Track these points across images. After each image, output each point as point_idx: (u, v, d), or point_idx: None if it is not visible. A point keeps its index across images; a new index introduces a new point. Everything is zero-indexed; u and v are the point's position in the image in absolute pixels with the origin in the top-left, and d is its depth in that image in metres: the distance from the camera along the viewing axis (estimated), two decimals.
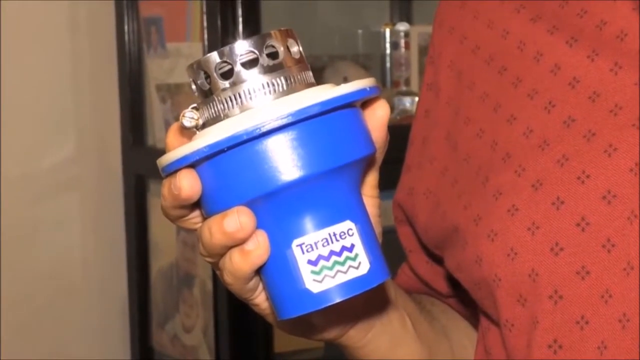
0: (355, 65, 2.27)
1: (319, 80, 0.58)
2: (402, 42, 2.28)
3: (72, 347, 2.08)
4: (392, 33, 2.31)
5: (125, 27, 2.05)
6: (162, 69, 2.01)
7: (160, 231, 2.06)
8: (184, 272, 1.98)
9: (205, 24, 1.78)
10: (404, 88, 2.24)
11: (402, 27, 2.30)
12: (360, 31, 2.43)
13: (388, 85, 2.29)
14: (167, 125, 1.96)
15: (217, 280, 1.81)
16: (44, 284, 2.05)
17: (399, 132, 0.80)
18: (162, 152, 0.59)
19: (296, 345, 1.95)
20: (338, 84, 0.56)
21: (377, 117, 0.59)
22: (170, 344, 2.03)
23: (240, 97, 0.55)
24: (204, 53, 1.79)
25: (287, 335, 0.71)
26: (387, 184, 0.69)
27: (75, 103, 2.07)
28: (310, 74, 0.57)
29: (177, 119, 0.58)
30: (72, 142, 2.07)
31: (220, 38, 1.73)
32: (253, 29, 1.73)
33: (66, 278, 2.08)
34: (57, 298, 2.07)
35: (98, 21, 2.09)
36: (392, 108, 2.06)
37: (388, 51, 2.32)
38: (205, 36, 1.78)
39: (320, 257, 0.55)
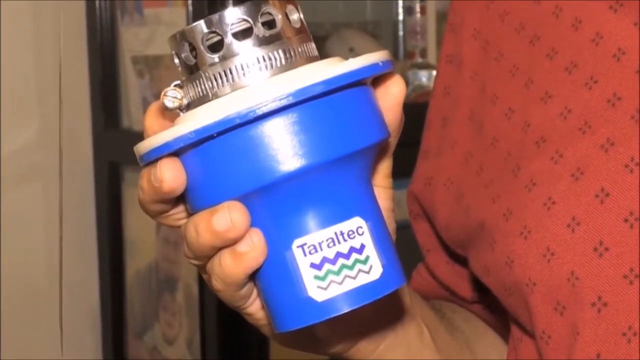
0: (363, 34, 2.27)
1: (321, 52, 0.58)
2: (418, 6, 2.28)
3: None
4: None
5: None
6: (139, 38, 2.01)
7: (137, 227, 2.06)
8: (164, 274, 1.98)
9: None
10: (419, 60, 2.24)
11: None
12: None
13: (401, 57, 2.29)
14: (145, 103, 1.96)
15: (203, 283, 1.81)
16: (2, 289, 2.05)
17: (414, 111, 0.80)
18: (140, 135, 0.59)
19: (296, 358, 1.95)
20: (343, 55, 0.56)
21: (391, 96, 0.59)
22: (149, 358, 2.04)
23: (231, 73, 0.55)
24: (188, 20, 1.79)
25: (287, 348, 0.71)
26: (400, 172, 0.69)
27: (37, 79, 2.06)
28: (313, 45, 0.57)
29: (156, 96, 0.58)
30: (35, 124, 2.07)
31: (207, 2, 1.73)
32: None
33: (28, 282, 2.08)
34: (17, 305, 2.07)
35: None
36: (406, 83, 2.07)
37: (401, 17, 2.32)
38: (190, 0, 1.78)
39: (325, 259, 0.55)
